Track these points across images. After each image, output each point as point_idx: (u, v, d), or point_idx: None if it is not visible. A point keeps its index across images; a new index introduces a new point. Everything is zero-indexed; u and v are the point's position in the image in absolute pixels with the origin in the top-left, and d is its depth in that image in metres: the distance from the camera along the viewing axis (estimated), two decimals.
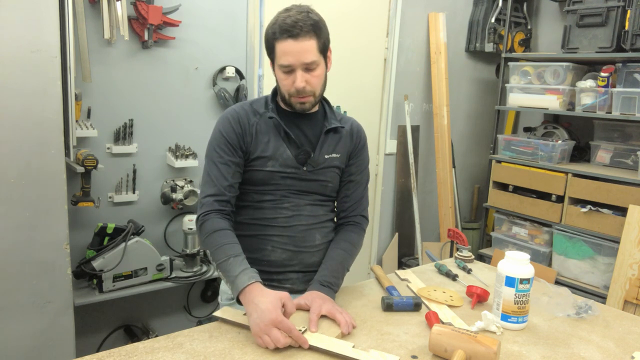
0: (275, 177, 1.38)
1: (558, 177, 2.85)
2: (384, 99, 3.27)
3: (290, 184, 1.40)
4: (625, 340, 1.24)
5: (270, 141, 1.38)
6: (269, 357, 1.07)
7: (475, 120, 3.85)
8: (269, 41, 1.31)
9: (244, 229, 1.41)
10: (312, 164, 1.41)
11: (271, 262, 1.40)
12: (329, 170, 1.44)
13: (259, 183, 1.39)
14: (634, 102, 2.62)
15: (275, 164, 1.38)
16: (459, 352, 1.04)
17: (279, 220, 1.40)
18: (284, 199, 1.40)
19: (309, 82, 1.31)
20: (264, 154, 1.37)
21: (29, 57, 1.63)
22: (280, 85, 1.36)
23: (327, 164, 1.43)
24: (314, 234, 1.43)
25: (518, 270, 1.23)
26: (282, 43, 1.27)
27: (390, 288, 1.42)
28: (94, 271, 2.07)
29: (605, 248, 2.69)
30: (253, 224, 1.41)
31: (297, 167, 1.39)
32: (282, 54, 1.28)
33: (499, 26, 3.42)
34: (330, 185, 1.46)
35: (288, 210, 1.40)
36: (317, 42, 1.29)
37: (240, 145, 1.37)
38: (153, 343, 1.10)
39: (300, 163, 1.39)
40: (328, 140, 1.44)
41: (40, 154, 1.70)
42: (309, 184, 1.42)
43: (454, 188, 3.55)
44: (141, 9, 2.18)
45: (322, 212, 1.47)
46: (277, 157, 1.38)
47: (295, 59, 1.28)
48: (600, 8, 2.72)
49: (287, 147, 1.39)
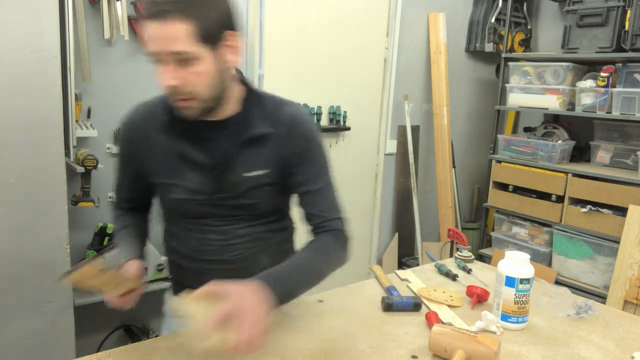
0: (186, 205, 1.13)
1: (558, 177, 2.85)
2: (384, 99, 3.27)
3: (208, 211, 1.14)
4: (625, 340, 1.24)
5: (167, 162, 1.10)
6: (269, 357, 1.07)
7: (475, 120, 3.85)
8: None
9: (179, 257, 1.23)
10: (226, 189, 1.11)
11: None
12: (256, 191, 1.13)
13: (171, 211, 1.19)
14: (634, 102, 2.62)
15: (180, 191, 1.11)
16: (459, 352, 1.04)
17: (208, 252, 1.17)
18: (208, 230, 1.15)
19: (184, 79, 0.97)
20: (164, 180, 1.12)
21: (29, 57, 1.63)
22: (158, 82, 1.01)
23: (250, 185, 1.12)
24: (258, 258, 1.19)
25: (518, 270, 1.23)
26: (146, 25, 0.96)
27: (390, 288, 1.42)
28: None
29: (605, 248, 2.69)
30: (185, 255, 1.21)
31: (208, 194, 1.11)
32: (145, 38, 0.97)
33: (499, 26, 3.42)
34: (262, 205, 1.16)
35: (217, 241, 1.16)
36: (193, 27, 0.94)
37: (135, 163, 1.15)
38: (153, 343, 1.10)
39: (211, 190, 1.11)
40: (247, 154, 1.10)
41: (40, 154, 1.70)
42: (231, 210, 1.14)
43: (454, 188, 3.55)
44: (141, 9, 2.18)
45: (264, 229, 1.20)
46: (184, 183, 1.10)
47: (160, 47, 0.95)
48: (600, 8, 2.72)
49: (190, 170, 1.09)
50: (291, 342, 1.13)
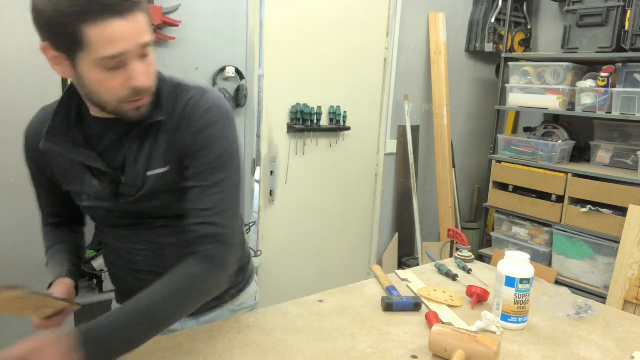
0: (97, 213, 1.05)
1: (558, 177, 2.85)
2: (384, 99, 3.27)
3: (120, 220, 1.04)
4: (625, 340, 1.24)
5: (72, 170, 1.02)
6: (269, 357, 1.07)
7: (475, 120, 3.86)
8: (63, 25, 0.81)
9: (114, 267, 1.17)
10: (129, 192, 1.00)
11: None
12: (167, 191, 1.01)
13: (95, 221, 1.12)
14: (634, 102, 2.62)
15: (88, 199, 1.03)
16: (459, 352, 1.04)
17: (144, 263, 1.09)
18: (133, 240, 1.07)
19: (147, 74, 0.90)
20: (72, 188, 1.04)
21: (29, 57, 1.63)
22: (102, 90, 0.88)
23: (154, 186, 0.99)
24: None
25: (518, 270, 1.23)
26: (102, 25, 0.81)
27: (390, 288, 1.42)
28: (94, 271, 2.07)
29: (605, 248, 2.69)
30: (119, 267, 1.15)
31: (112, 200, 1.01)
32: (102, 41, 0.82)
33: (499, 26, 3.42)
34: (176, 204, 1.01)
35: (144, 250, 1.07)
36: (146, 16, 0.88)
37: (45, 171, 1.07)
38: (153, 343, 1.10)
39: (114, 195, 1.00)
40: (144, 149, 0.98)
41: None
42: (146, 212, 1.03)
43: (454, 188, 3.55)
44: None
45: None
46: (86, 191, 1.02)
47: (130, 45, 0.84)
48: (600, 8, 2.72)
49: (90, 175, 1.00)
50: (291, 342, 1.13)
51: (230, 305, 1.25)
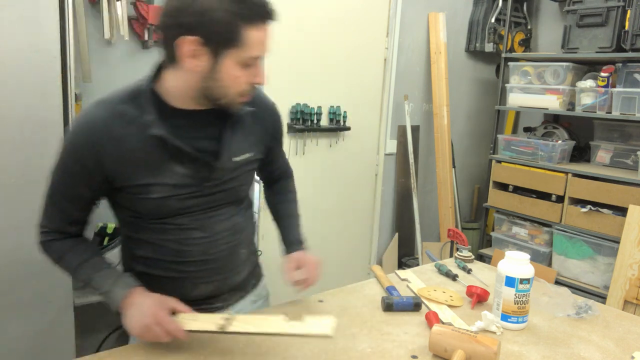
0: (168, 203, 1.07)
1: (558, 177, 2.85)
2: (384, 99, 3.27)
3: (192, 204, 1.10)
4: (625, 340, 1.24)
5: (148, 161, 1.04)
6: (269, 357, 1.07)
7: (475, 120, 3.85)
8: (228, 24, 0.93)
9: (152, 266, 1.14)
10: (218, 176, 1.10)
11: (195, 298, 1.16)
12: (243, 175, 1.16)
13: (148, 214, 1.09)
14: (634, 102, 2.62)
15: (163, 189, 1.05)
16: (459, 352, 1.04)
17: (194, 252, 1.13)
18: (192, 227, 1.11)
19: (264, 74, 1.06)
20: (141, 181, 1.04)
21: (29, 57, 1.63)
22: (226, 86, 1.00)
23: (238, 168, 1.14)
24: (238, 251, 1.21)
25: (518, 270, 1.23)
26: (257, 29, 0.96)
27: (390, 288, 1.42)
28: None
29: (605, 248, 2.69)
30: (162, 261, 1.13)
31: (196, 185, 1.08)
32: (255, 43, 0.96)
33: (499, 26, 3.42)
34: (244, 187, 1.19)
35: (200, 239, 1.12)
36: None
37: (97, 173, 1.03)
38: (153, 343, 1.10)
39: (200, 179, 1.08)
40: (237, 137, 1.12)
41: (40, 154, 1.70)
42: (215, 197, 1.12)
43: (454, 188, 3.55)
44: (141, 9, 2.18)
45: (242, 220, 1.21)
46: (163, 181, 1.05)
47: (267, 48, 1.00)
48: (600, 8, 2.72)
49: (177, 164, 1.05)
50: (291, 342, 1.13)
51: (251, 296, 1.31)
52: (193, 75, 0.99)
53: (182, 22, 0.93)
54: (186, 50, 0.95)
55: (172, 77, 1.03)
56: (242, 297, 1.28)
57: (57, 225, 1.11)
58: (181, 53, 0.96)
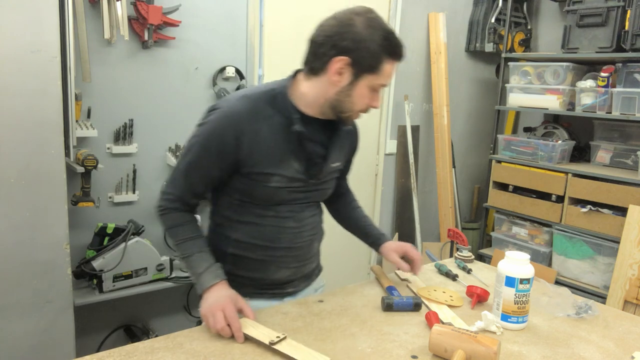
0: (281, 193, 1.26)
1: (558, 177, 2.85)
2: (384, 99, 3.27)
3: (296, 198, 1.29)
4: (625, 340, 1.24)
5: (275, 154, 1.22)
6: (269, 357, 1.07)
7: (475, 120, 3.86)
8: (375, 55, 1.15)
9: (245, 249, 1.30)
10: (320, 176, 1.31)
11: (274, 281, 1.35)
12: (331, 180, 1.39)
13: (261, 199, 1.26)
14: (634, 102, 2.62)
15: (281, 180, 1.24)
16: (459, 352, 1.04)
17: (284, 240, 1.30)
18: (287, 216, 1.30)
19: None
20: (267, 170, 1.22)
21: (29, 57, 1.63)
22: (354, 102, 1.20)
23: (332, 172, 1.36)
24: (314, 244, 1.41)
25: (518, 270, 1.23)
26: (391, 63, 1.19)
27: (390, 288, 1.43)
28: (94, 271, 2.07)
29: (605, 248, 2.69)
30: (255, 245, 1.30)
31: (304, 180, 1.28)
32: (387, 74, 1.19)
33: (499, 26, 3.42)
34: (329, 191, 1.40)
35: (292, 228, 1.31)
36: None
37: (232, 156, 1.20)
38: (153, 343, 1.10)
39: (310, 176, 1.28)
40: (337, 147, 1.33)
41: (40, 154, 1.70)
42: (313, 194, 1.34)
43: (454, 188, 3.55)
44: (141, 9, 2.18)
45: (319, 219, 1.43)
46: (283, 172, 1.23)
47: (389, 82, 1.24)
48: (600, 8, 2.72)
49: (295, 160, 1.24)
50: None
51: (314, 284, 1.47)
52: (331, 87, 1.19)
53: (339, 45, 1.14)
54: (335, 67, 1.15)
55: (309, 85, 1.23)
56: (308, 285, 1.44)
57: (182, 194, 1.26)
58: (330, 68, 1.16)
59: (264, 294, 1.34)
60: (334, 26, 1.18)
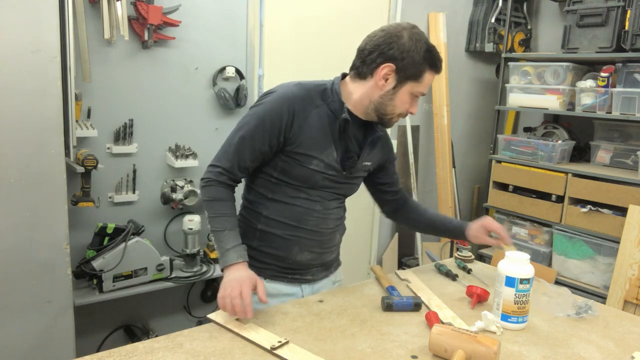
0: (317, 177, 1.36)
1: (558, 177, 2.85)
2: None
3: (327, 185, 1.39)
4: (625, 340, 1.24)
5: (319, 139, 1.33)
6: (269, 357, 1.07)
7: (475, 120, 3.85)
8: (418, 64, 1.28)
9: (273, 226, 1.39)
10: (353, 169, 1.41)
11: (296, 262, 1.42)
12: (359, 178, 1.49)
13: (298, 179, 1.36)
14: (634, 102, 2.62)
15: (320, 164, 1.34)
16: (459, 352, 1.04)
17: (310, 222, 1.39)
18: (317, 201, 1.39)
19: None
20: (310, 152, 1.33)
21: (29, 57, 1.63)
22: (396, 106, 1.33)
23: (362, 170, 1.46)
24: (336, 235, 1.49)
25: (518, 270, 1.23)
26: (431, 74, 1.31)
27: (390, 288, 1.43)
28: (94, 271, 2.07)
29: (605, 248, 2.69)
30: (283, 223, 1.38)
31: (338, 171, 1.38)
32: (426, 83, 1.32)
33: (499, 26, 3.42)
34: (355, 187, 1.50)
35: (319, 212, 1.40)
36: None
37: (283, 134, 1.31)
38: (153, 343, 1.10)
39: (343, 167, 1.38)
40: (370, 148, 1.44)
41: (40, 154, 1.70)
42: (342, 187, 1.43)
43: (454, 188, 3.55)
44: (141, 9, 2.18)
45: (343, 213, 1.52)
46: (323, 158, 1.34)
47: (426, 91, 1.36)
48: (600, 8, 2.72)
49: (334, 149, 1.36)
50: (291, 342, 1.13)
51: (332, 277, 1.54)
52: (376, 91, 1.32)
53: (387, 53, 1.28)
54: (382, 73, 1.29)
55: (355, 87, 1.36)
56: (326, 276, 1.51)
57: (230, 168, 1.33)
58: (377, 73, 1.30)
59: (283, 277, 1.43)
60: (383, 37, 1.29)
